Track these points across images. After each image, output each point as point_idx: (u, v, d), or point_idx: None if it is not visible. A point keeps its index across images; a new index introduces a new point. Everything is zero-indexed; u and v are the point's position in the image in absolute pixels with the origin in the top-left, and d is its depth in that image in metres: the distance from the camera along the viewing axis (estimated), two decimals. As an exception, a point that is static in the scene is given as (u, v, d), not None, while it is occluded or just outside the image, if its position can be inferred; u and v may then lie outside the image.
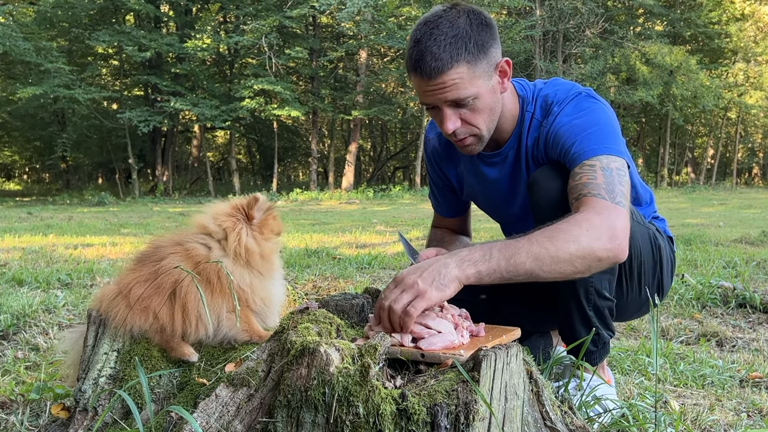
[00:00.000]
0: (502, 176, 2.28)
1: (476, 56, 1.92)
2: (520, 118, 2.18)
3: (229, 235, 1.88)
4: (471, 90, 1.95)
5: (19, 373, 2.56)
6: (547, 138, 2.10)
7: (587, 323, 2.09)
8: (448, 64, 1.90)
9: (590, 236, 1.76)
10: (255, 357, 1.57)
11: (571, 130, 2.03)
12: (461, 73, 1.91)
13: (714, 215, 13.70)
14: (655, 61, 28.23)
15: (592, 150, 1.96)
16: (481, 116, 2.02)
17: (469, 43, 1.91)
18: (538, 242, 1.74)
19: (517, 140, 2.20)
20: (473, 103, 1.98)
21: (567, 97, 2.12)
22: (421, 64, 1.92)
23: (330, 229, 10.46)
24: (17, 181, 45.97)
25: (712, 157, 38.51)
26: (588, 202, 1.85)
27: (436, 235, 2.63)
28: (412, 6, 26.07)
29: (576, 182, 1.92)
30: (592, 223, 1.78)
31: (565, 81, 2.22)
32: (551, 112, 2.11)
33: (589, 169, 1.92)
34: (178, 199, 25.61)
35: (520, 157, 2.21)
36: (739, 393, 2.50)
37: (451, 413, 1.38)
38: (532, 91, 2.21)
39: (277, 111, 26.55)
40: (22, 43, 22.08)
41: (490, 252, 1.72)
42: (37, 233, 9.14)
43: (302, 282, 4.86)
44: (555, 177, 2.03)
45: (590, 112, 2.06)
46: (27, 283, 4.61)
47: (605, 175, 1.89)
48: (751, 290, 4.13)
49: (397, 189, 28.49)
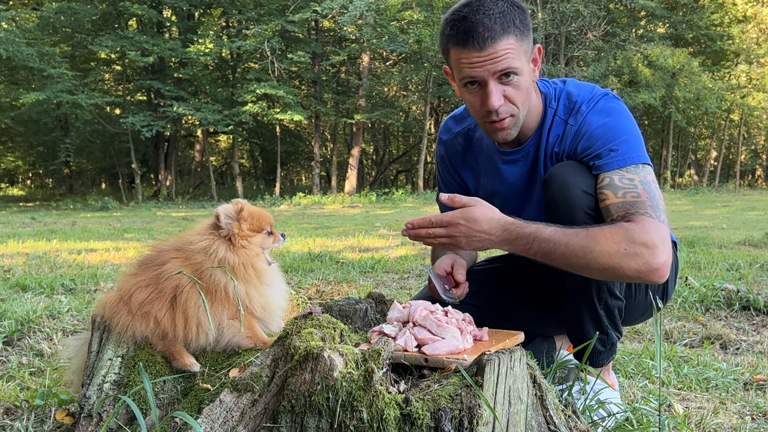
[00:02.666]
0: (521, 173, 2.27)
1: (522, 32, 1.98)
2: (543, 114, 2.19)
3: (208, 254, 1.88)
4: (518, 63, 1.97)
5: (23, 379, 2.56)
6: (576, 136, 2.10)
7: (597, 322, 2.09)
8: (500, 34, 1.93)
9: (629, 261, 1.86)
10: (259, 362, 1.57)
11: (605, 132, 2.04)
12: (512, 44, 1.95)
13: (717, 217, 13.67)
14: (658, 63, 28.19)
15: (630, 158, 2.00)
16: (521, 95, 2.03)
17: (516, 20, 1.96)
18: (579, 238, 1.88)
19: (538, 137, 2.20)
20: (517, 80, 2.00)
21: (593, 96, 2.14)
22: (473, 34, 1.93)
23: (333, 232, 10.46)
24: (20, 186, 46.08)
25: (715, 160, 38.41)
26: (638, 219, 1.90)
27: None
28: (414, 10, 26.11)
29: (620, 199, 1.94)
30: (637, 251, 1.86)
31: (583, 81, 2.23)
32: (579, 111, 2.11)
33: (629, 182, 1.96)
34: (181, 204, 25.62)
35: (539, 155, 2.20)
36: (743, 396, 2.49)
37: (454, 418, 1.38)
38: (554, 88, 2.21)
39: (279, 115, 26.58)
40: (25, 48, 22.12)
41: (536, 225, 1.93)
42: (40, 238, 9.15)
43: (306, 286, 4.86)
44: (572, 173, 2.03)
45: (619, 115, 2.09)
46: (31, 288, 4.62)
47: (647, 189, 1.95)
48: (755, 293, 4.12)
49: (400, 192, 28.46)
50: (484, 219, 1.90)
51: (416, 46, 26.04)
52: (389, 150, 42.40)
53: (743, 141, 38.30)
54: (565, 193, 2.01)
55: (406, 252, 7.29)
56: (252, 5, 27.78)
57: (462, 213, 1.89)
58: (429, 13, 25.52)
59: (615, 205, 1.94)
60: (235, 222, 1.93)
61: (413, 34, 25.80)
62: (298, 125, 34.82)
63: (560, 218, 2.01)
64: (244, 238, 1.92)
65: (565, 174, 2.04)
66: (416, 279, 5.40)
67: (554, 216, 2.03)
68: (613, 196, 1.94)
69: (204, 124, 26.93)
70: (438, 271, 2.18)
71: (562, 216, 2.00)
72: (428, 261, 6.32)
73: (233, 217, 1.93)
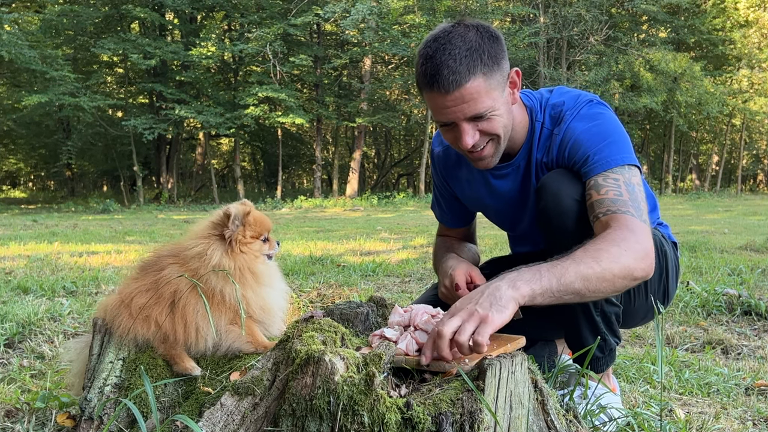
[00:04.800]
0: (512, 188, 2.27)
1: (491, 68, 1.92)
2: (530, 128, 2.19)
3: (202, 259, 1.88)
4: (488, 102, 1.94)
5: (24, 382, 2.56)
6: (561, 144, 2.10)
7: (594, 329, 2.09)
8: (465, 77, 1.88)
9: (629, 257, 1.81)
10: (260, 366, 1.57)
11: (589, 138, 2.04)
12: (479, 85, 1.90)
13: (719, 222, 13.66)
14: (659, 67, 28.20)
15: (614, 160, 1.99)
16: (497, 125, 2.01)
17: (484, 56, 1.90)
18: (585, 262, 1.77)
19: (528, 150, 2.20)
20: (490, 116, 1.97)
21: (577, 103, 2.13)
22: (438, 78, 1.89)
23: (334, 236, 10.46)
24: (22, 188, 46.10)
25: (717, 164, 38.41)
26: (620, 220, 1.88)
27: (444, 243, 2.62)
28: (416, 14, 26.14)
29: (603, 196, 1.93)
30: (629, 243, 1.82)
31: (570, 89, 2.23)
32: (563, 119, 2.11)
33: (614, 182, 1.95)
34: (182, 207, 25.64)
35: (530, 167, 2.21)
36: (745, 401, 2.49)
37: (456, 422, 1.38)
38: (539, 100, 2.21)
39: (281, 118, 26.60)
40: (27, 51, 22.16)
41: (539, 272, 1.73)
42: (42, 241, 9.16)
43: (307, 290, 4.86)
44: (564, 181, 2.03)
45: (604, 119, 2.08)
46: (32, 291, 4.62)
47: (629, 190, 1.94)
48: (757, 298, 4.12)
49: (401, 196, 28.46)
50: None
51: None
52: (391, 153, 42.44)
53: (745, 145, 38.30)
54: (558, 202, 2.01)
55: (408, 256, 7.29)
56: (254, 8, 27.82)
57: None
58: (431, 17, 25.54)
59: (597, 201, 1.94)
60: (240, 227, 1.92)
61: (415, 37, 25.82)
62: (300, 128, 34.86)
63: (552, 227, 2.02)
64: (244, 245, 1.92)
65: (556, 182, 2.04)
66: (417, 283, 5.40)
67: (547, 224, 2.05)
68: (596, 194, 1.95)
69: (206, 126, 26.96)
70: (458, 279, 2.17)
71: (555, 225, 2.02)
72: (429, 265, 6.33)
73: (240, 220, 1.93)
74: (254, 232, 1.95)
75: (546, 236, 2.11)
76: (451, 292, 2.18)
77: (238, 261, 1.90)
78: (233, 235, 1.91)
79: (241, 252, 1.91)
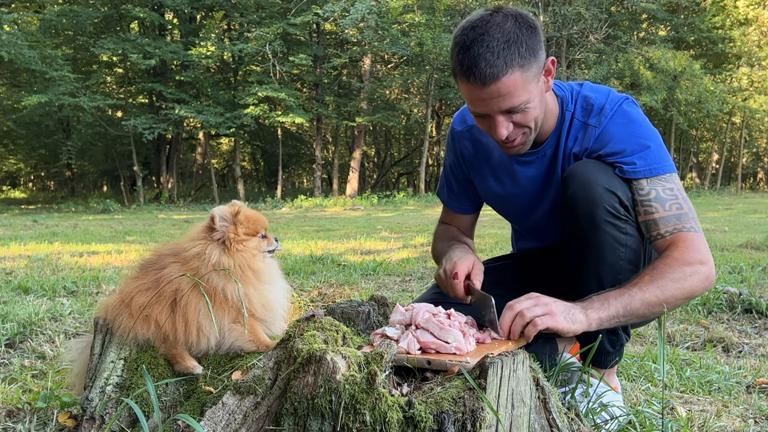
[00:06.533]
0: (536, 175, 2.28)
1: (528, 60, 1.91)
2: (560, 117, 2.19)
3: (201, 259, 1.88)
4: (524, 96, 1.94)
5: (25, 382, 2.56)
6: (601, 137, 2.11)
7: None
8: (502, 71, 1.87)
9: (694, 280, 1.95)
10: (261, 365, 1.57)
11: (634, 139, 2.07)
12: (515, 79, 1.89)
13: (719, 220, 13.66)
14: (659, 66, 28.19)
15: (665, 167, 2.05)
16: (532, 117, 2.02)
17: (521, 48, 1.89)
18: (650, 291, 1.91)
19: (557, 139, 2.20)
20: (525, 109, 1.97)
21: (615, 99, 2.15)
22: (474, 71, 1.88)
23: (335, 235, 10.46)
24: (22, 189, 46.11)
25: (717, 162, 38.40)
26: (686, 240, 1.98)
27: (448, 231, 2.60)
28: (416, 12, 26.13)
29: (667, 213, 2.01)
30: (694, 267, 1.95)
31: (598, 85, 2.25)
32: (602, 113, 2.12)
33: (670, 192, 2.03)
34: (182, 207, 25.63)
35: (557, 156, 2.21)
36: (746, 399, 2.49)
37: (457, 421, 1.38)
38: (570, 91, 2.22)
39: (281, 118, 26.59)
40: (27, 51, 22.15)
41: (607, 301, 1.90)
42: (42, 241, 9.16)
43: (307, 289, 4.86)
44: (596, 171, 2.04)
45: (645, 121, 2.13)
46: (33, 291, 4.62)
47: (686, 201, 2.03)
48: (757, 295, 4.12)
49: (402, 195, 28.45)
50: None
51: (418, 49, 26.04)
52: (391, 153, 42.43)
53: (745, 144, 38.30)
54: (587, 189, 2.01)
55: (408, 255, 7.28)
56: (254, 8, 27.81)
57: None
58: (431, 16, 25.54)
59: (664, 219, 2.01)
60: (231, 226, 1.92)
61: (415, 37, 25.82)
62: (300, 128, 34.85)
63: (579, 214, 2.03)
64: (239, 243, 1.92)
65: (587, 171, 2.05)
66: (418, 282, 5.39)
67: (573, 212, 2.05)
68: (662, 209, 2.01)
69: (206, 126, 26.96)
70: (459, 269, 2.16)
71: (582, 212, 2.02)
72: (429, 264, 6.33)
73: (229, 220, 1.92)
74: (248, 229, 1.94)
75: (568, 224, 2.11)
76: (448, 279, 2.17)
77: (237, 259, 1.89)
78: (225, 234, 1.90)
79: (238, 250, 1.91)
